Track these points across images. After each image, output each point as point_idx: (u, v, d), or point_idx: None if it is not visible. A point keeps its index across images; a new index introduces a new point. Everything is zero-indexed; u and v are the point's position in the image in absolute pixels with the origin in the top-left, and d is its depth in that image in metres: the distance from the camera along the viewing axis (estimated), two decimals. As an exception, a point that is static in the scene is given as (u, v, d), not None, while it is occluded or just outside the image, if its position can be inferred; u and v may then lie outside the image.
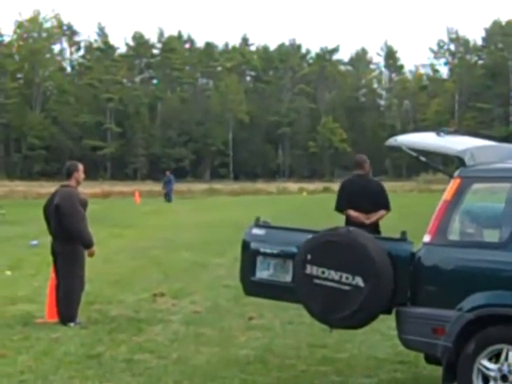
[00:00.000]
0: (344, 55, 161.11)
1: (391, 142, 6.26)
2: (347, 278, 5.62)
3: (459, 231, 5.76)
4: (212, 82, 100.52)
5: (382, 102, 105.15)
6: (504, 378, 5.17)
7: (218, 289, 11.14)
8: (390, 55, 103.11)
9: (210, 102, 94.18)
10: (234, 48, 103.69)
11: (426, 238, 5.61)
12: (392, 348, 7.35)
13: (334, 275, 5.66)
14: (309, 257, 5.78)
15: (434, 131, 6.34)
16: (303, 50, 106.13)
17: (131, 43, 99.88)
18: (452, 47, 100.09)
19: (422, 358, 6.20)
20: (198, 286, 11.46)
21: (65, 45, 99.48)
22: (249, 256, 6.31)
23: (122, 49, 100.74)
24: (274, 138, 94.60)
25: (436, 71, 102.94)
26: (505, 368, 5.17)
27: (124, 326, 8.48)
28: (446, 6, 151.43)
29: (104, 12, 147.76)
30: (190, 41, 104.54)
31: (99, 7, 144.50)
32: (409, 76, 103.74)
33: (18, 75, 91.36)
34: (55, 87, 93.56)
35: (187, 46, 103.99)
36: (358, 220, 8.99)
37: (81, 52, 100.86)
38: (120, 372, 6.63)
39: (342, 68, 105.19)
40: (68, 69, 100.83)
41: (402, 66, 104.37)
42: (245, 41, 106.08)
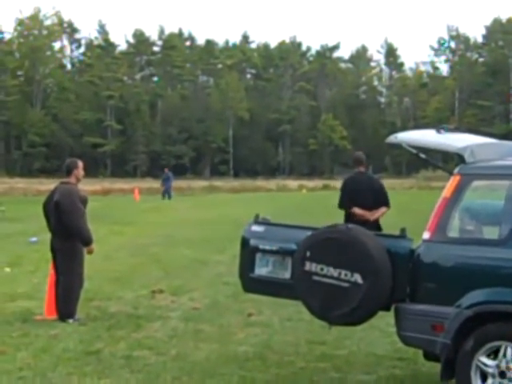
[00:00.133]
0: (344, 53, 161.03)
1: (391, 139, 6.27)
2: (346, 275, 5.61)
3: (459, 228, 5.76)
4: (212, 79, 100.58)
5: (382, 100, 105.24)
6: (502, 374, 5.17)
7: (217, 286, 11.13)
8: (391, 53, 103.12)
9: (210, 100, 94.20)
10: (235, 45, 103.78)
11: (426, 235, 5.61)
12: (391, 345, 7.34)
13: (333, 272, 5.66)
14: (308, 254, 5.77)
15: (434, 128, 6.33)
16: (303, 48, 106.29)
17: (132, 40, 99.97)
18: (452, 45, 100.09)
19: (420, 355, 6.20)
20: (197, 282, 11.45)
21: (65, 42, 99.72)
22: (248, 253, 6.31)
23: (122, 46, 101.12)
24: (274, 136, 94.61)
25: (436, 69, 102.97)
26: (503, 364, 5.17)
27: (123, 323, 8.48)
28: (447, 3, 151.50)
29: (104, 9, 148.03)
30: (191, 38, 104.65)
31: (100, 4, 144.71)
32: (409, 73, 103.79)
33: (19, 72, 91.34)
34: (56, 84, 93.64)
35: (188, 43, 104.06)
36: (363, 218, 9.00)
37: (81, 49, 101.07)
38: (119, 368, 6.63)
39: (343, 65, 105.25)
40: (68, 66, 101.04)
41: (402, 64, 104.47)
42: (245, 38, 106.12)
